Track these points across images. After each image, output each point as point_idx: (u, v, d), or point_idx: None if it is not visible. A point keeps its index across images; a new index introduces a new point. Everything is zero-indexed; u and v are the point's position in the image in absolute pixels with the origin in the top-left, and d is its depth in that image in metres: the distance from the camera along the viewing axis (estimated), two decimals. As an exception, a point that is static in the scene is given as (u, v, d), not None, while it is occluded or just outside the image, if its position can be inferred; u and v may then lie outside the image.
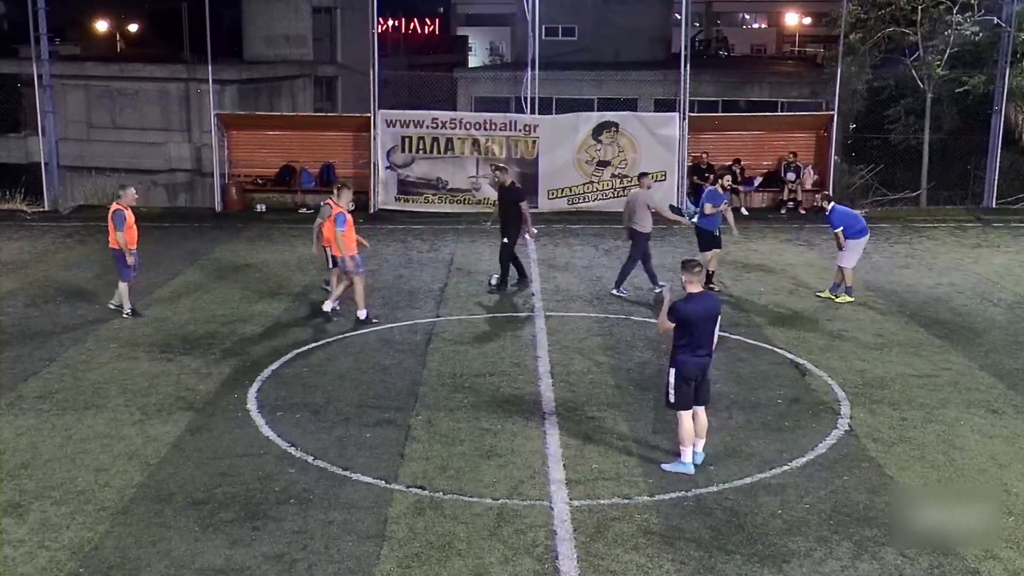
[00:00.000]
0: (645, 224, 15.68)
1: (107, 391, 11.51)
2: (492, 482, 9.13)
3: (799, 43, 70.38)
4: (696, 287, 9.32)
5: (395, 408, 10.98)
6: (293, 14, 36.80)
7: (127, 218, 14.24)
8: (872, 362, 12.70)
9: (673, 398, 9.31)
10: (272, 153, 24.93)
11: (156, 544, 8.00)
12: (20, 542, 8.02)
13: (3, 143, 32.41)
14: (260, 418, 10.67)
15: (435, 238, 20.93)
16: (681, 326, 9.19)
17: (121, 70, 32.77)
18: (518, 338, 13.73)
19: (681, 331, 9.20)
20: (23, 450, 9.81)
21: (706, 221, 15.96)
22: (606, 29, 41.24)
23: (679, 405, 9.31)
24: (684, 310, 9.19)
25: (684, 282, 9.38)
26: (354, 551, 7.90)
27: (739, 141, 25.13)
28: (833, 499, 8.84)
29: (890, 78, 28.48)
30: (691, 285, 9.31)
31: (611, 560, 7.80)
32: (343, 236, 13.89)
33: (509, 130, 23.81)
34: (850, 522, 8.43)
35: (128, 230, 14.28)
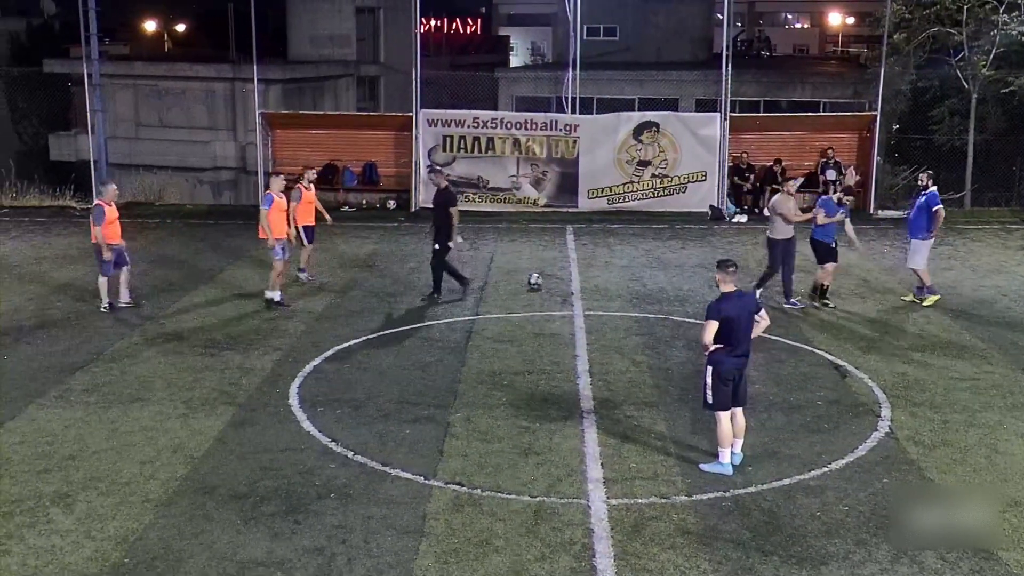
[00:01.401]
0: (776, 231, 15.02)
1: (152, 385, 11.72)
2: (530, 480, 9.18)
3: (842, 43, 69.63)
4: (729, 286, 9.30)
5: (435, 405, 11.07)
6: (337, 14, 37.06)
7: (106, 214, 14.37)
8: (913, 364, 12.60)
9: (711, 398, 9.31)
10: (315, 152, 25.14)
11: (199, 536, 8.14)
12: (67, 532, 8.20)
13: (54, 141, 33.00)
14: (301, 413, 10.80)
15: (475, 237, 21.01)
16: (718, 326, 9.17)
17: (169, 70, 33.20)
18: (557, 337, 13.77)
19: (718, 331, 9.18)
20: (71, 442, 10.02)
21: (820, 232, 15.04)
22: (648, 29, 41.11)
23: (717, 406, 9.30)
24: (720, 309, 9.18)
25: (717, 280, 9.39)
26: (393, 546, 7.99)
27: (780, 141, 24.94)
28: (872, 502, 8.79)
29: (934, 78, 28.09)
30: (724, 284, 9.30)
31: (648, 559, 7.82)
32: (267, 216, 14.86)
33: (550, 130, 23.86)
34: (889, 525, 8.38)
35: (107, 225, 14.40)
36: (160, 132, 31.96)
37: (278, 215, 15.04)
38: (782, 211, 14.90)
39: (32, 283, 16.66)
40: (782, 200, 15.08)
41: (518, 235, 21.31)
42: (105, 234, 14.37)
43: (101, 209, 14.40)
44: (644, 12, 41.37)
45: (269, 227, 14.84)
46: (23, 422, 10.52)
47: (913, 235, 15.40)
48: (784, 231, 14.97)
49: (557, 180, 24.02)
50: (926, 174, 15.80)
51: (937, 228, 15.36)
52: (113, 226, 14.54)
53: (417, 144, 23.96)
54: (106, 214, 14.39)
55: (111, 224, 14.50)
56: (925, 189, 15.41)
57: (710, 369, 9.27)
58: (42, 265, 18.09)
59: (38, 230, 21.63)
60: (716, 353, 9.22)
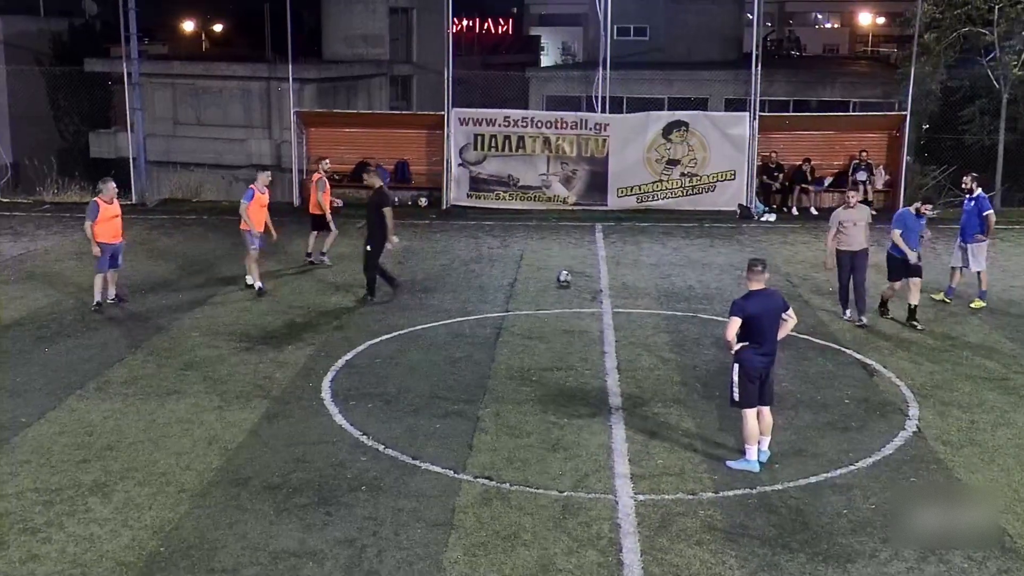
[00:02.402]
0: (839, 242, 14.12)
1: (189, 378, 11.91)
2: (558, 474, 9.27)
3: (872, 43, 69.04)
4: (758, 284, 9.33)
5: (464, 400, 11.18)
6: (371, 15, 37.30)
7: (100, 210, 14.45)
8: (942, 363, 12.58)
9: (737, 396, 9.36)
10: (349, 150, 25.33)
11: (233, 526, 8.28)
12: (105, 520, 8.37)
13: (94, 139, 33.49)
14: (334, 407, 10.96)
15: (505, 234, 21.14)
16: (744, 324, 9.22)
17: (206, 69, 33.56)
18: (585, 333, 13.85)
19: (744, 329, 9.23)
20: (109, 432, 10.23)
21: (896, 247, 14.05)
22: (678, 29, 41.02)
23: (744, 403, 9.35)
24: (745, 307, 9.23)
25: (746, 278, 9.43)
26: (422, 538, 8.09)
27: (809, 141, 24.84)
28: (900, 501, 8.80)
29: (965, 78, 27.90)
30: (752, 283, 9.34)
31: (674, 555, 7.88)
32: (246, 209, 15.56)
33: (580, 129, 23.92)
34: (917, 524, 8.39)
35: (101, 223, 14.44)
36: (197, 130, 32.33)
37: (257, 209, 15.65)
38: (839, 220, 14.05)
39: (73, 277, 16.96)
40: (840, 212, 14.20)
41: (548, 233, 21.40)
42: (97, 231, 14.43)
43: (96, 205, 14.50)
44: (674, 12, 41.29)
45: (249, 219, 15.53)
46: (63, 413, 10.74)
47: (967, 240, 15.22)
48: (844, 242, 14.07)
49: (587, 179, 24.08)
50: (971, 177, 15.52)
51: (990, 232, 15.21)
52: (109, 224, 14.58)
53: (449, 143, 24.10)
54: (100, 211, 14.45)
55: (106, 222, 14.53)
56: (971, 192, 15.28)
57: (736, 367, 9.31)
58: (82, 260, 18.32)
59: (78, 226, 21.64)
60: (743, 351, 9.26)
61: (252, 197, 15.68)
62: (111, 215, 14.65)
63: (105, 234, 14.54)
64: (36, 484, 9.01)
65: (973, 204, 15.24)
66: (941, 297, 15.57)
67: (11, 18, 35.61)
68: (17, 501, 8.67)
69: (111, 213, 14.66)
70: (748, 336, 9.24)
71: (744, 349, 9.26)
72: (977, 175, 15.69)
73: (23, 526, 8.24)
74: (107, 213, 14.58)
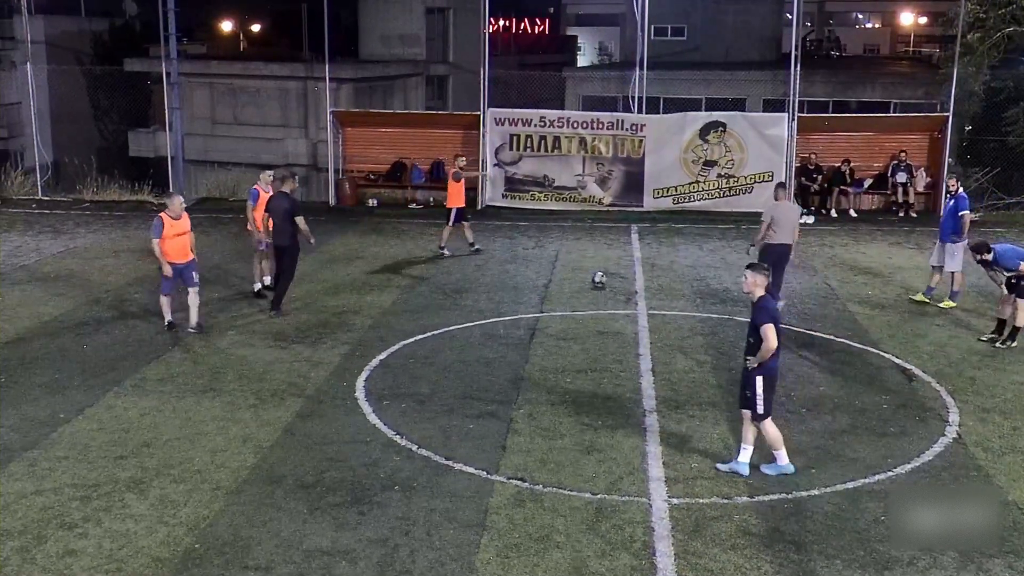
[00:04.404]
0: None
1: (224, 376, 11.99)
2: (591, 477, 9.23)
3: (914, 43, 68.24)
4: (762, 291, 9.15)
5: (498, 401, 11.17)
6: (408, 14, 37.43)
7: (164, 227, 13.29)
8: (983, 369, 12.39)
9: (762, 408, 9.11)
10: (384, 150, 25.44)
11: (267, 524, 8.32)
12: (141, 516, 8.44)
13: (133, 137, 33.89)
14: (367, 406, 10.98)
15: (540, 235, 21.10)
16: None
17: (244, 68, 33.84)
18: (620, 335, 13.79)
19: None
20: (145, 429, 10.31)
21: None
22: (716, 29, 40.74)
23: (767, 413, 9.15)
24: (775, 313, 9.09)
25: (753, 284, 9.15)
26: (455, 539, 8.09)
27: (849, 142, 24.60)
28: (939, 507, 8.69)
29: (1009, 79, 27.50)
30: (759, 288, 9.15)
31: (708, 559, 7.82)
32: (252, 211, 15.25)
33: (616, 129, 23.84)
34: (956, 531, 8.27)
35: (166, 240, 13.32)
36: (234, 129, 32.61)
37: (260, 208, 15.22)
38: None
39: (111, 275, 17.14)
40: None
41: (583, 234, 21.34)
42: (164, 250, 13.36)
43: (160, 221, 13.33)
44: (713, 12, 41.02)
45: (254, 221, 15.31)
46: (101, 409, 10.85)
47: (944, 239, 15.21)
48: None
49: (623, 179, 23.99)
50: (954, 178, 15.66)
51: (965, 233, 15.08)
52: (174, 242, 13.39)
53: (484, 142, 24.12)
54: (164, 227, 13.30)
55: (171, 240, 13.35)
56: (954, 193, 15.26)
57: (760, 379, 9.04)
58: (120, 258, 18.59)
59: (117, 224, 22.23)
60: (770, 360, 9.06)
61: (257, 197, 15.38)
62: (177, 232, 13.43)
63: (170, 253, 13.36)
64: (74, 480, 9.10)
65: (952, 203, 15.21)
66: (920, 298, 15.46)
67: (53, 18, 36.10)
68: (55, 496, 8.77)
69: (177, 229, 13.43)
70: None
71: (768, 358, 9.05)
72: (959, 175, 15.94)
73: (60, 521, 8.33)
74: (173, 229, 13.37)
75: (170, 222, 13.39)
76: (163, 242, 13.33)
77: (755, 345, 9.05)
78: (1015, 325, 13.30)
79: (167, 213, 13.47)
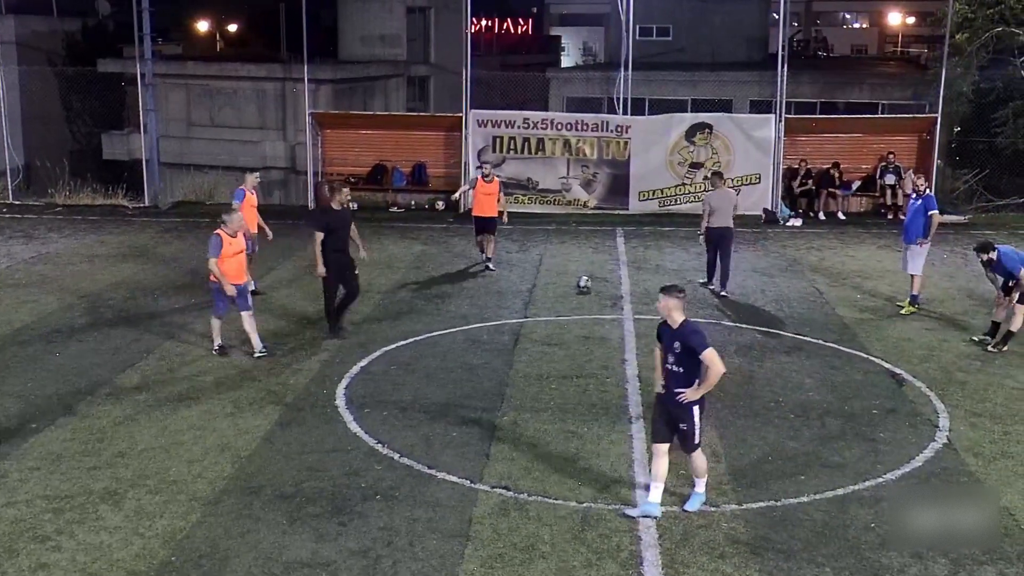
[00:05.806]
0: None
1: (201, 384, 11.77)
2: (577, 485, 9.08)
3: (902, 43, 68.55)
4: (682, 315, 8.46)
5: (481, 408, 11.00)
6: (388, 14, 37.18)
7: (223, 245, 12.45)
8: (973, 373, 12.30)
9: (699, 438, 8.54)
10: (365, 152, 25.26)
11: (245, 535, 8.14)
12: (116, 528, 8.25)
13: (107, 140, 33.43)
14: (348, 414, 10.79)
15: (524, 238, 20.94)
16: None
17: (220, 69, 33.48)
18: (606, 341, 13.64)
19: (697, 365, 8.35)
20: (120, 439, 10.09)
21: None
22: (702, 29, 40.68)
23: (701, 442, 8.64)
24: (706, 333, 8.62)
25: (670, 308, 8.43)
26: (438, 549, 7.93)
27: (837, 144, 24.56)
28: (929, 514, 8.58)
29: (998, 80, 27.47)
30: (676, 312, 8.44)
31: (696, 568, 7.69)
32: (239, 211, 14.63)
33: (601, 131, 23.73)
34: (947, 538, 8.16)
35: (225, 260, 12.48)
36: (211, 132, 32.25)
37: (248, 210, 14.93)
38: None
39: (84, 281, 16.87)
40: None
41: (567, 237, 21.20)
42: (223, 270, 12.48)
43: (219, 239, 12.37)
44: (699, 12, 40.94)
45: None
46: (74, 419, 10.62)
47: (908, 240, 15.04)
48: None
49: (608, 182, 23.88)
50: (921, 178, 15.56)
51: (932, 234, 14.92)
52: (233, 261, 12.53)
53: (467, 145, 23.95)
54: (223, 245, 12.39)
55: (228, 259, 12.47)
56: (921, 193, 15.09)
57: (696, 409, 8.45)
58: (94, 263, 18.33)
59: (91, 228, 21.92)
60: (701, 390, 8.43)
61: (243, 198, 15.17)
62: (236, 250, 12.60)
63: (228, 272, 12.45)
64: (46, 491, 8.90)
65: (920, 203, 14.96)
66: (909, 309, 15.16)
67: (24, 18, 35.63)
68: (27, 508, 8.57)
69: (236, 248, 12.59)
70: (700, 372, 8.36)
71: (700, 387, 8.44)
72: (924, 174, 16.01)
73: (32, 534, 8.14)
74: (232, 248, 12.50)
75: (228, 240, 12.47)
76: (221, 261, 12.39)
77: (686, 375, 8.33)
78: (1009, 329, 13.18)
79: (225, 230, 12.48)
